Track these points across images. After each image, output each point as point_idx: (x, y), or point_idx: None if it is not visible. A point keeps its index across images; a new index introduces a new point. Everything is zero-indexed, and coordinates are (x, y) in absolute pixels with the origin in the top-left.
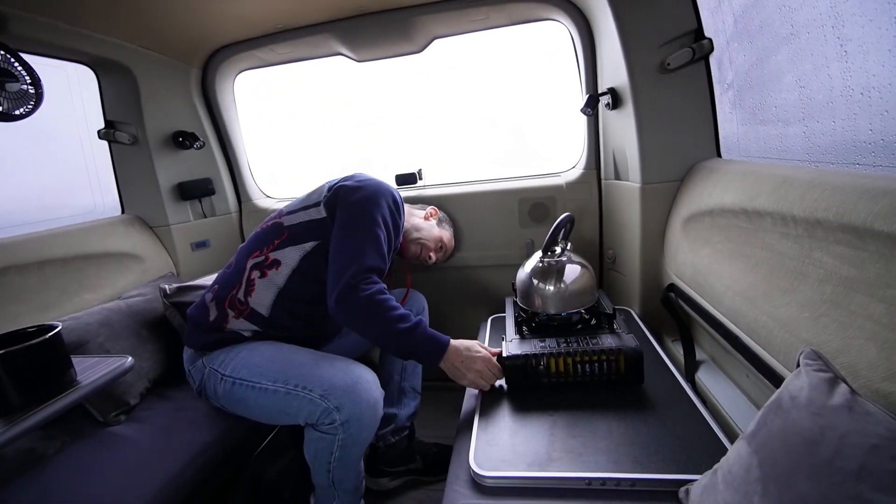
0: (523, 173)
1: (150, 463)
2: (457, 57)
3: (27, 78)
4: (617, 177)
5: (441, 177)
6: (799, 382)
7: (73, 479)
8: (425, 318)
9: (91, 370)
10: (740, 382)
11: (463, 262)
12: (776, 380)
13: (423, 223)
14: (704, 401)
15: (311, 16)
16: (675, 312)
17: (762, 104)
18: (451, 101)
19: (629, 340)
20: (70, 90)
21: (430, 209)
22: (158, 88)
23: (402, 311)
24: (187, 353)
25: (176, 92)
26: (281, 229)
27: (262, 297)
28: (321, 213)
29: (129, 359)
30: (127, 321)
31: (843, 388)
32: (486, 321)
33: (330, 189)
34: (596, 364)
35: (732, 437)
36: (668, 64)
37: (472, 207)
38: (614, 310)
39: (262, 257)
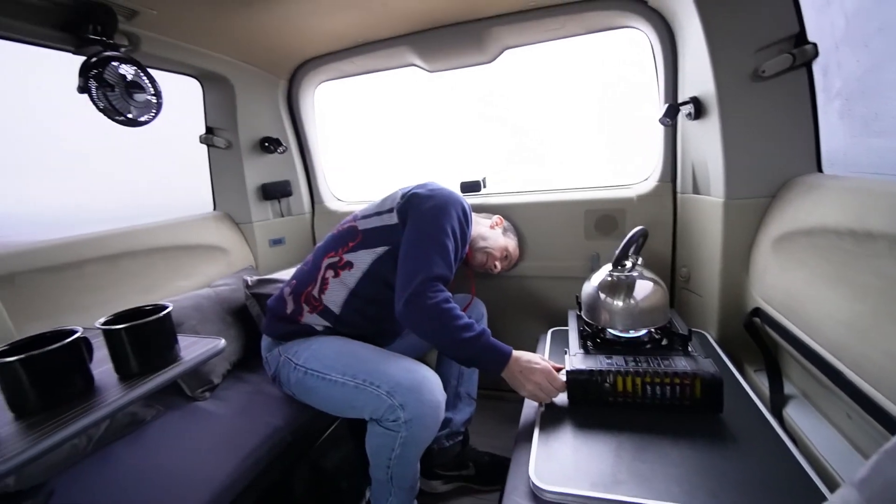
0: (590, 184)
1: (231, 438)
2: (524, 65)
3: (151, 89)
4: (696, 191)
5: (505, 185)
6: None
7: (167, 443)
8: (484, 322)
9: (190, 348)
10: (838, 422)
11: (524, 273)
12: (888, 422)
13: (489, 232)
14: (794, 439)
15: (389, 30)
16: (759, 339)
17: (877, 114)
18: (518, 109)
19: (707, 365)
20: (183, 99)
21: (496, 218)
22: (251, 98)
23: (466, 319)
24: (265, 340)
25: (265, 101)
26: (356, 232)
27: (335, 295)
28: (394, 219)
29: (223, 341)
30: (215, 307)
31: None
32: (546, 333)
33: (403, 196)
34: (668, 387)
35: (829, 481)
36: (763, 71)
37: (535, 217)
38: (690, 331)
39: (337, 258)
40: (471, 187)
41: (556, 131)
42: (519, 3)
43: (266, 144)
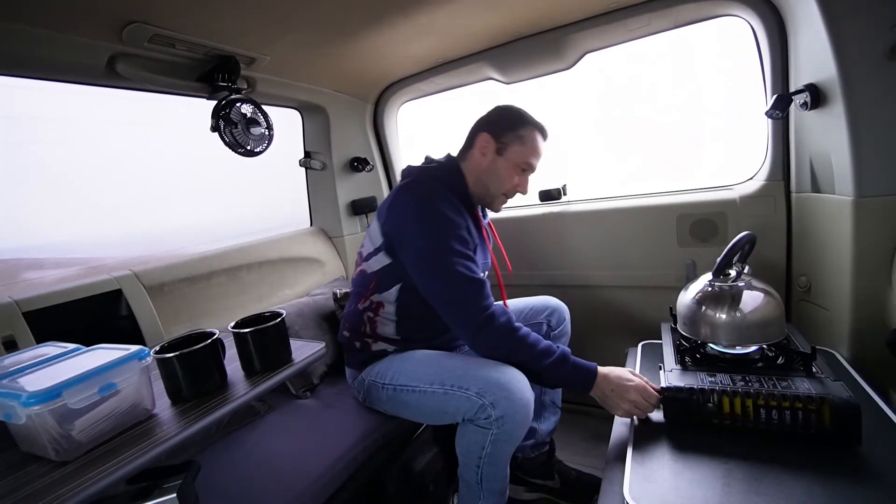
0: (683, 187)
1: (331, 435)
2: (606, 64)
3: (265, 124)
4: (815, 189)
5: (589, 191)
6: None
7: (275, 435)
8: (567, 329)
9: (298, 351)
10: None
11: (611, 282)
12: None
13: (484, 169)
14: None
15: (467, 48)
16: None
17: None
18: (600, 110)
19: (838, 389)
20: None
21: (478, 141)
22: (343, 123)
23: (542, 343)
24: (348, 371)
25: (354, 124)
26: (368, 277)
27: (385, 328)
28: (386, 258)
29: (324, 344)
30: (314, 314)
31: None
32: (636, 347)
33: (383, 233)
34: (787, 412)
35: None
36: None
37: (621, 224)
38: (814, 349)
39: (368, 302)
40: (549, 196)
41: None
42: (599, 6)
43: (355, 164)
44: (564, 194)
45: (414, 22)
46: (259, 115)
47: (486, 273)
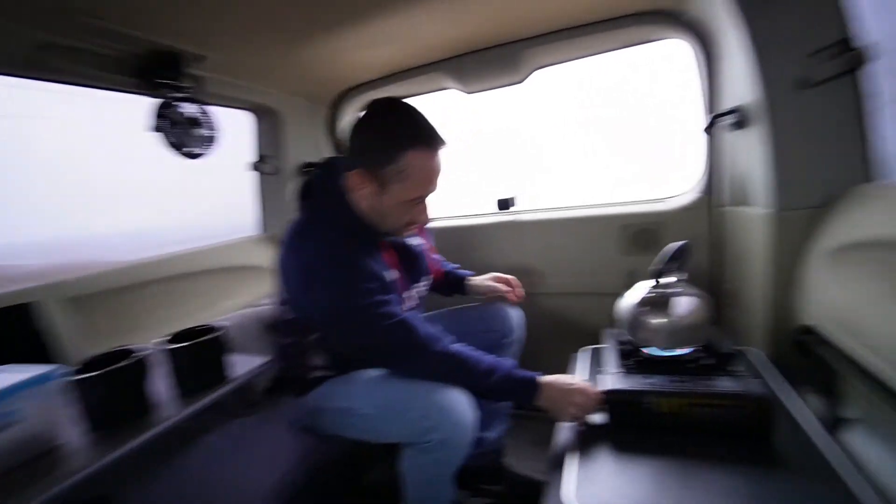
0: (626, 199)
1: (269, 454)
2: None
3: (211, 125)
4: (738, 203)
5: (538, 202)
6: None
7: (209, 457)
8: (521, 336)
9: (237, 366)
10: None
11: (557, 289)
12: None
13: (369, 207)
14: (858, 467)
15: (426, 57)
16: (813, 359)
17: None
18: (550, 124)
19: (754, 386)
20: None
21: (352, 181)
22: (296, 126)
23: (484, 364)
24: (288, 398)
25: (309, 129)
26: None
27: (318, 361)
28: (293, 312)
29: (266, 359)
30: (257, 326)
31: None
32: (581, 352)
33: (283, 299)
34: (714, 409)
35: None
36: (811, 78)
37: (568, 233)
38: (735, 350)
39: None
40: (504, 204)
41: (587, 147)
42: (552, 24)
43: (307, 169)
44: (514, 204)
45: (370, 29)
46: (205, 115)
47: (424, 287)
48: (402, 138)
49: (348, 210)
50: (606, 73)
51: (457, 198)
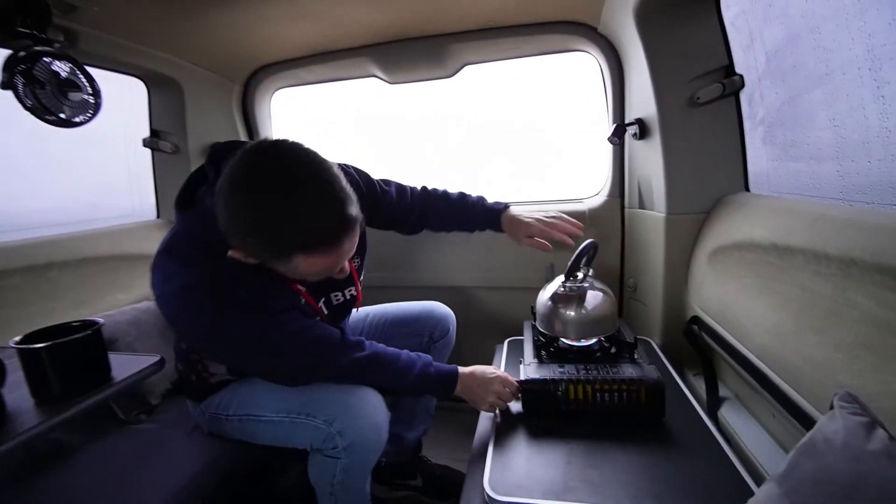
0: (545, 198)
1: (170, 463)
2: (484, 79)
3: (89, 88)
4: (641, 206)
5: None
6: (834, 425)
7: (96, 472)
8: (451, 339)
9: (124, 367)
10: (766, 422)
11: (480, 283)
12: (805, 421)
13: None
14: (728, 439)
15: (349, 40)
16: (698, 346)
17: (794, 141)
18: (476, 122)
19: (651, 372)
20: (122, 99)
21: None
22: (202, 102)
23: (401, 361)
24: (189, 402)
25: (218, 106)
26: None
27: (217, 367)
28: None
29: (159, 358)
30: (154, 322)
31: (880, 433)
32: (503, 343)
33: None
34: (616, 394)
35: (757, 477)
36: (698, 98)
37: None
38: (636, 339)
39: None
40: None
41: (514, 146)
42: (477, 22)
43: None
44: None
45: (287, 2)
46: (81, 77)
47: (343, 296)
48: (288, 245)
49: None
50: (530, 79)
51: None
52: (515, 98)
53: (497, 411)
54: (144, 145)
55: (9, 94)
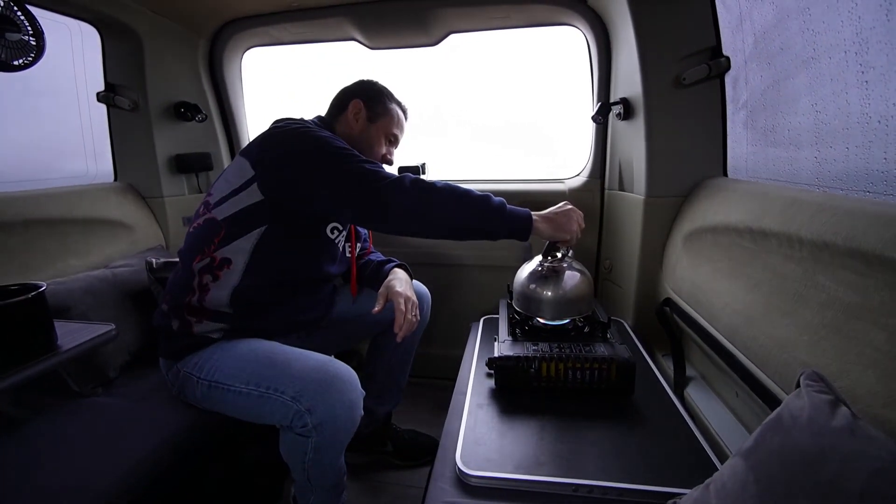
0: (526, 176)
1: (127, 437)
2: (469, 52)
3: (29, 28)
4: (621, 187)
5: (445, 173)
6: (800, 402)
7: (45, 446)
8: (426, 317)
9: (73, 335)
10: (729, 400)
11: (458, 261)
12: (770, 399)
13: (356, 134)
14: (693, 416)
15: None
16: (668, 327)
17: (774, 126)
18: (459, 96)
19: (622, 351)
20: (72, 47)
21: (351, 106)
22: (164, 56)
23: (472, 192)
24: (162, 362)
25: (182, 62)
26: (217, 225)
27: (219, 294)
28: (256, 195)
29: (113, 326)
30: (112, 291)
31: (844, 410)
32: (479, 321)
33: (255, 162)
34: (588, 371)
35: (719, 453)
36: (685, 79)
37: None
38: (609, 319)
39: (209, 258)
40: (409, 171)
41: (497, 122)
42: None
43: (182, 110)
44: (423, 172)
45: None
46: (19, 15)
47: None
48: (391, 95)
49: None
50: (515, 55)
51: None
52: (499, 75)
53: (469, 389)
54: (99, 100)
55: None
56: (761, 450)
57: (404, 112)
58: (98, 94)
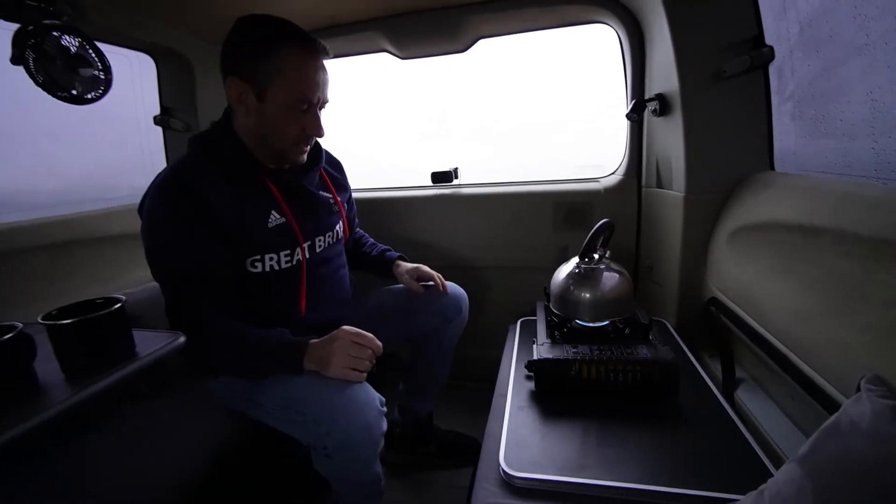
0: (560, 177)
1: (191, 434)
2: (498, 55)
3: (99, 64)
4: (659, 185)
5: (477, 177)
6: (860, 408)
7: (120, 443)
8: (464, 317)
9: (146, 343)
10: (784, 404)
11: (493, 263)
12: (828, 403)
13: (255, 124)
14: (744, 420)
15: (361, 13)
16: (715, 327)
17: (825, 116)
18: (490, 99)
19: (665, 353)
20: (131, 76)
21: (229, 91)
22: (213, 78)
23: (251, 339)
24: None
25: None
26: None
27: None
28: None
29: (182, 337)
30: None
31: None
32: (516, 324)
33: None
34: (630, 374)
35: (774, 458)
36: (725, 71)
37: (505, 209)
38: (650, 321)
39: None
40: (442, 177)
41: (527, 123)
42: None
43: None
44: (456, 177)
45: None
46: (90, 52)
47: (330, 240)
48: (274, 36)
49: (229, 140)
50: (545, 54)
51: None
52: (527, 75)
53: (510, 391)
54: (155, 123)
55: (20, 69)
56: (818, 456)
57: (309, 46)
58: (154, 117)
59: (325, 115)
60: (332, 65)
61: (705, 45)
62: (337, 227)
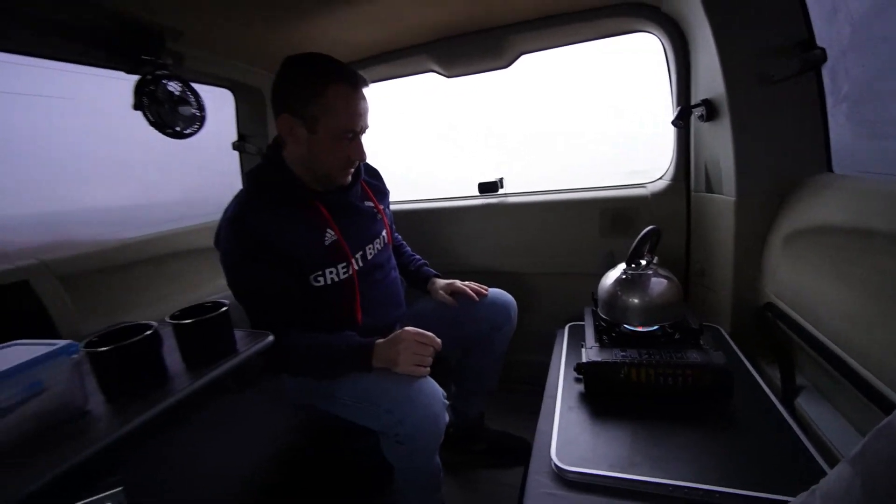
0: (605, 183)
1: (275, 423)
2: (542, 66)
3: (195, 103)
4: (708, 189)
5: (522, 185)
6: None
7: (213, 429)
8: (513, 324)
9: (241, 341)
10: (846, 411)
11: (539, 270)
12: (887, 407)
13: (304, 155)
14: (802, 425)
15: (410, 39)
16: (771, 333)
17: (883, 118)
18: (534, 109)
19: (717, 357)
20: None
21: (281, 127)
22: None
23: (319, 341)
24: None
25: None
26: None
27: None
28: None
29: (271, 336)
30: None
31: None
32: (564, 328)
33: None
34: (680, 378)
35: (832, 461)
36: (773, 75)
37: (551, 216)
38: (701, 325)
39: None
40: (488, 187)
41: (572, 133)
42: (535, 12)
43: None
44: (501, 187)
45: (357, 10)
46: (188, 94)
47: (379, 247)
48: (320, 74)
49: (280, 169)
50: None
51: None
52: (568, 84)
53: (559, 394)
54: (234, 148)
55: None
56: (869, 455)
57: (351, 81)
58: (233, 143)
59: (387, 134)
60: (382, 86)
61: (750, 50)
62: (382, 233)
